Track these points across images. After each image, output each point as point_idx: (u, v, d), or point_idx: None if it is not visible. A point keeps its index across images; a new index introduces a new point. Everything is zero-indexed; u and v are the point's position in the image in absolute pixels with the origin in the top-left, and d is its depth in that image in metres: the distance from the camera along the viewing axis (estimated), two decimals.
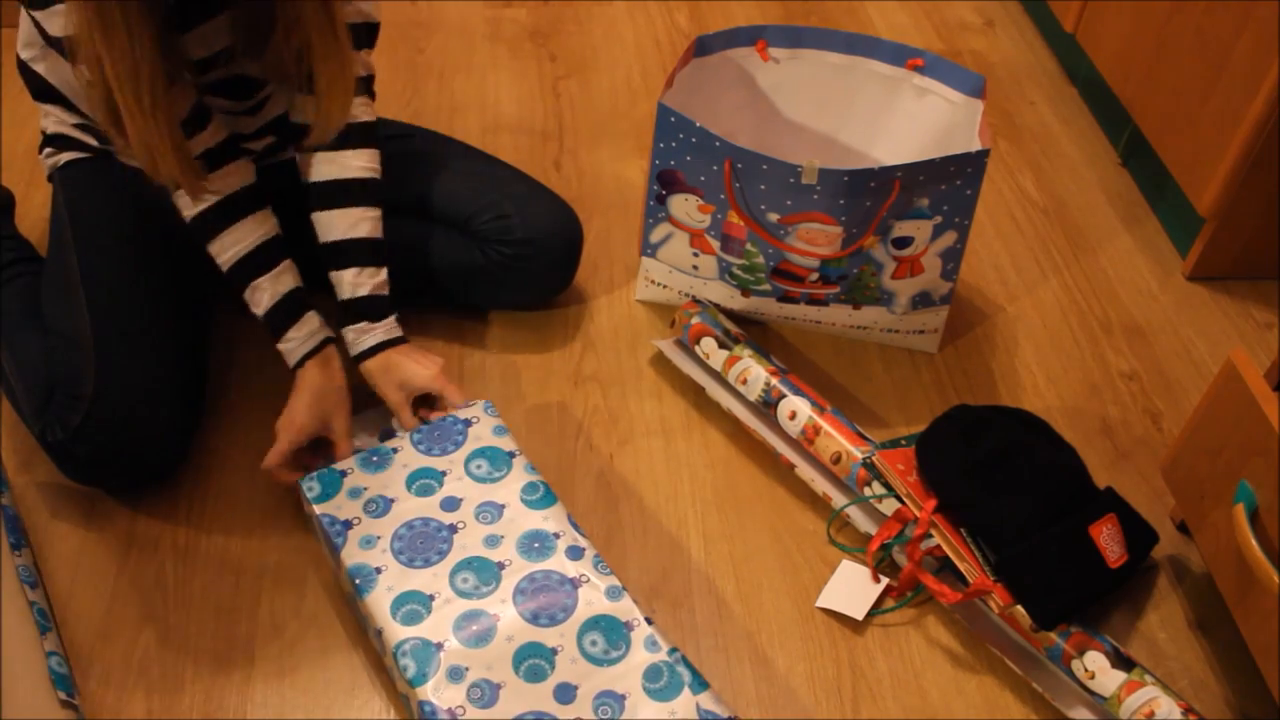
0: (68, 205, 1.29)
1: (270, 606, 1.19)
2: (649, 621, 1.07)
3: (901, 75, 1.44)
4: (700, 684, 1.03)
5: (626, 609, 1.07)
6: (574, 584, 1.09)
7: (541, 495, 1.16)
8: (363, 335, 1.27)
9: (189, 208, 1.21)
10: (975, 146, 1.29)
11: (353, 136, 1.28)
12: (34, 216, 1.55)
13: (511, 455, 1.20)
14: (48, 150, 1.36)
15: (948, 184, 1.30)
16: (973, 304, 1.58)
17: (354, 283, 1.27)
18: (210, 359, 1.37)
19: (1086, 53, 1.83)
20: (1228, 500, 1.10)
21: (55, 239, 1.31)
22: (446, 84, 1.89)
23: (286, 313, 1.24)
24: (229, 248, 1.22)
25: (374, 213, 1.29)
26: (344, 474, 1.17)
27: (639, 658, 1.04)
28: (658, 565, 1.25)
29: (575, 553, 1.11)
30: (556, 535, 1.13)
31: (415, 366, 1.26)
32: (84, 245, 1.26)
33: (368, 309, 1.27)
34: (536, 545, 1.12)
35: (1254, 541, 1.03)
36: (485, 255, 1.40)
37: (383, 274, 1.29)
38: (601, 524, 1.29)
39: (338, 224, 1.27)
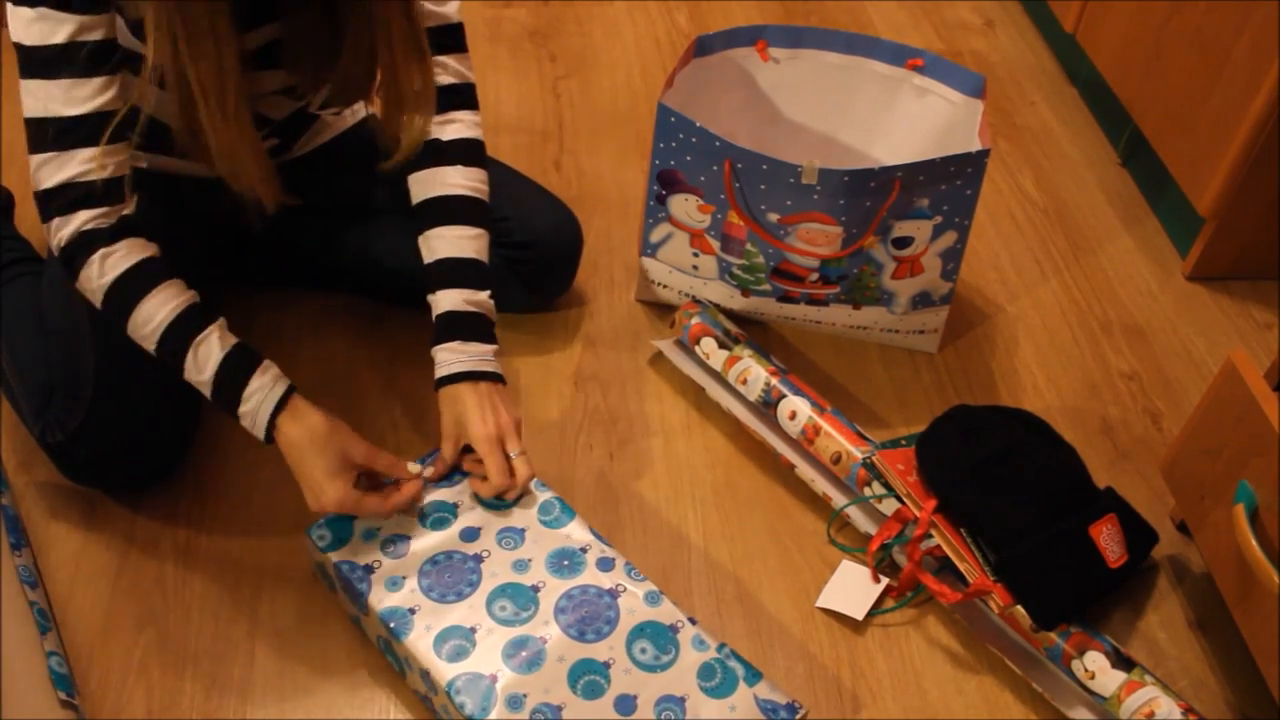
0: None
1: (270, 606, 1.19)
2: (692, 621, 1.07)
3: (901, 75, 1.44)
4: (754, 675, 1.03)
5: (669, 613, 1.07)
6: (612, 595, 1.08)
7: (558, 513, 1.15)
8: (449, 358, 1.17)
9: (101, 276, 1.09)
10: (975, 146, 1.29)
11: (459, 153, 1.23)
12: (34, 216, 1.54)
13: None
14: None
15: (948, 184, 1.30)
16: (973, 304, 1.58)
17: (451, 299, 1.18)
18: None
19: (1086, 53, 1.83)
20: (1228, 500, 1.10)
21: None
22: None
23: (239, 366, 1.10)
24: (161, 308, 1.09)
25: (477, 231, 1.21)
26: (353, 518, 1.13)
27: (690, 658, 1.04)
28: (658, 565, 1.25)
29: (606, 564, 1.11)
30: (584, 550, 1.12)
31: (475, 413, 1.14)
32: None
33: (462, 327, 1.17)
34: (566, 563, 1.11)
35: (1254, 541, 1.03)
36: None
37: (484, 295, 1.19)
38: (601, 524, 1.28)
39: (442, 241, 1.20)
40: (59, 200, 1.07)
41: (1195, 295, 1.62)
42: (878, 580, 1.23)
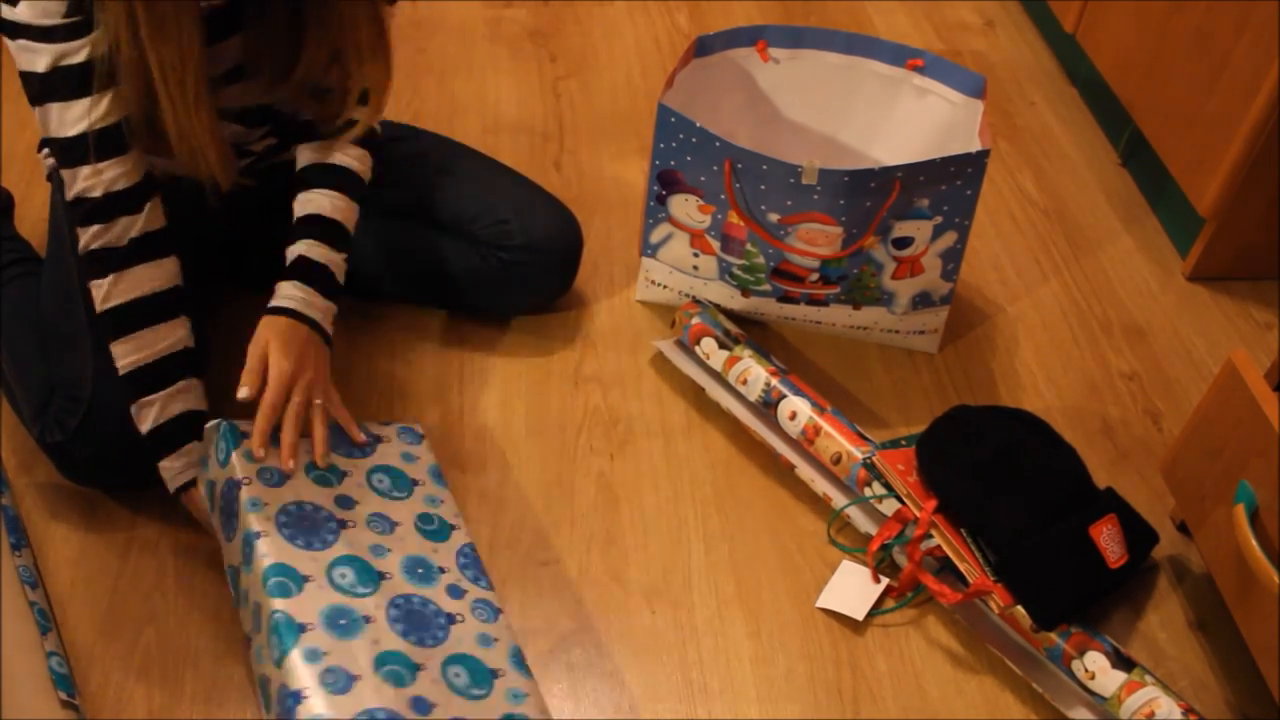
0: (66, 205, 1.29)
1: None
2: (524, 673, 1.04)
3: (901, 75, 1.44)
4: None
5: (496, 657, 1.04)
6: (449, 619, 1.06)
7: (436, 528, 1.13)
8: (291, 294, 1.19)
9: (105, 300, 1.14)
10: (975, 147, 1.29)
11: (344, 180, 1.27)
12: (34, 217, 1.55)
13: (415, 483, 1.16)
14: (47, 150, 1.36)
15: (948, 184, 1.30)
16: (973, 304, 1.58)
17: (310, 248, 1.21)
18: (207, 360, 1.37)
19: (1086, 53, 1.83)
20: (1228, 500, 1.10)
21: (54, 239, 1.31)
22: (446, 84, 1.89)
23: (170, 437, 1.16)
24: (130, 354, 1.14)
25: (349, 202, 1.25)
26: (246, 435, 1.10)
27: (500, 706, 1.00)
28: (658, 565, 1.25)
29: (455, 592, 1.08)
30: (441, 570, 1.09)
31: (281, 347, 1.14)
32: None
33: (315, 277, 1.20)
34: (420, 571, 1.09)
35: (1254, 541, 1.03)
36: (484, 260, 1.39)
37: (340, 257, 1.23)
38: (601, 524, 1.29)
39: (313, 203, 1.23)
40: (75, 213, 1.13)
41: (1195, 295, 1.62)
42: (878, 580, 1.23)
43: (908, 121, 1.46)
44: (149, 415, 1.15)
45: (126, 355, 1.14)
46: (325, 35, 1.14)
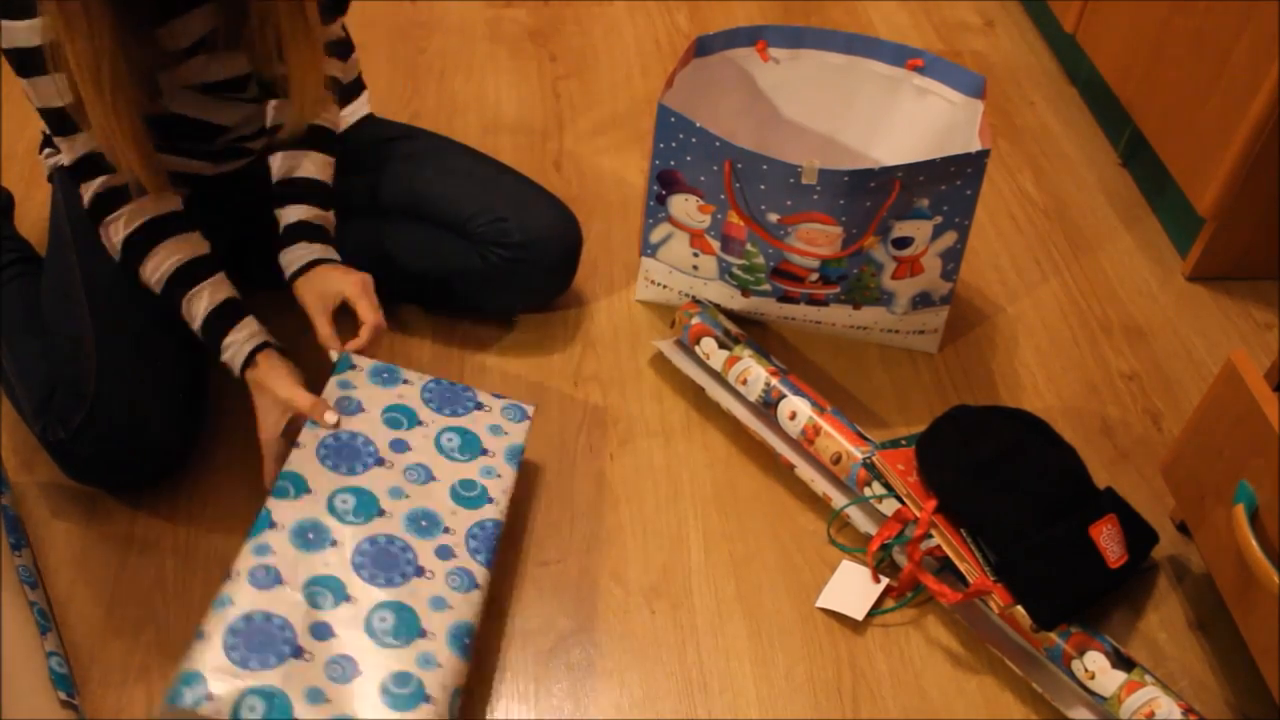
0: (67, 204, 1.29)
1: None
2: (459, 649, 1.04)
3: (901, 75, 1.44)
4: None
5: (438, 623, 1.05)
6: (417, 571, 1.08)
7: (474, 495, 1.16)
8: (298, 255, 1.26)
9: (119, 233, 1.21)
10: (975, 147, 1.29)
11: (317, 140, 1.31)
12: (34, 216, 1.55)
13: (484, 452, 1.20)
14: (48, 150, 1.36)
15: (948, 184, 1.30)
16: (973, 304, 1.58)
17: (300, 212, 1.27)
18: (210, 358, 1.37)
19: (1086, 53, 1.83)
20: (1228, 500, 1.10)
21: (55, 238, 1.31)
22: (446, 84, 1.89)
23: (224, 317, 1.22)
24: (165, 260, 1.21)
25: (326, 159, 1.31)
26: (353, 367, 1.22)
27: (402, 661, 1.01)
28: (658, 565, 1.25)
29: (444, 553, 1.10)
30: (446, 531, 1.12)
31: (337, 274, 1.25)
32: (84, 244, 1.26)
33: (308, 233, 1.27)
34: (424, 524, 1.12)
35: (1254, 541, 1.03)
36: (483, 258, 1.39)
37: (330, 216, 1.30)
38: (602, 524, 1.29)
39: (295, 164, 1.29)
40: (80, 171, 1.18)
41: (1195, 295, 1.62)
42: (878, 580, 1.23)
43: (908, 121, 1.46)
44: (200, 305, 1.20)
45: (161, 264, 1.20)
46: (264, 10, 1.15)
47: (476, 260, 1.40)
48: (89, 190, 1.19)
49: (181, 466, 1.28)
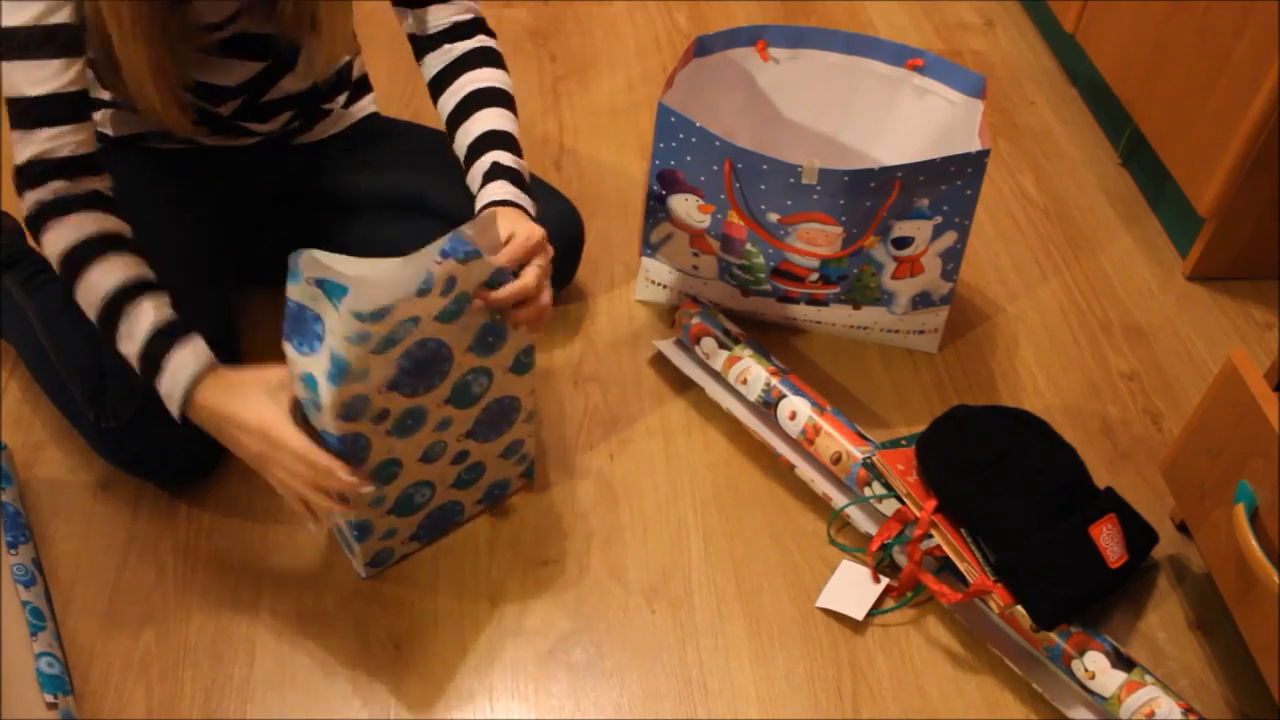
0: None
1: (270, 606, 1.19)
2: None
3: (901, 75, 1.44)
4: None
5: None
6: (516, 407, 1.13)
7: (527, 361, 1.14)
8: (492, 190, 1.19)
9: (58, 243, 1.11)
10: (975, 146, 1.29)
11: (474, 59, 1.28)
12: None
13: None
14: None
15: (948, 184, 1.30)
16: (973, 304, 1.58)
17: (504, 157, 1.22)
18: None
19: (1086, 53, 1.83)
20: (1228, 500, 1.10)
21: None
22: None
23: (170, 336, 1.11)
24: (106, 276, 1.10)
25: (511, 116, 1.27)
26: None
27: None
28: (658, 565, 1.25)
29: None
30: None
31: (523, 225, 1.13)
32: None
33: (519, 181, 1.21)
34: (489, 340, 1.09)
35: (1254, 541, 1.03)
36: None
37: (525, 163, 1.24)
38: (602, 524, 1.29)
39: (486, 118, 1.25)
40: (28, 173, 1.10)
41: (1195, 295, 1.62)
42: (878, 580, 1.23)
43: (908, 121, 1.46)
44: (135, 336, 1.09)
45: (88, 294, 1.11)
46: None
47: None
48: (34, 196, 1.10)
49: (219, 461, 1.29)
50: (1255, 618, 1.07)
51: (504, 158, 1.22)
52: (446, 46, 1.28)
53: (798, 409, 1.31)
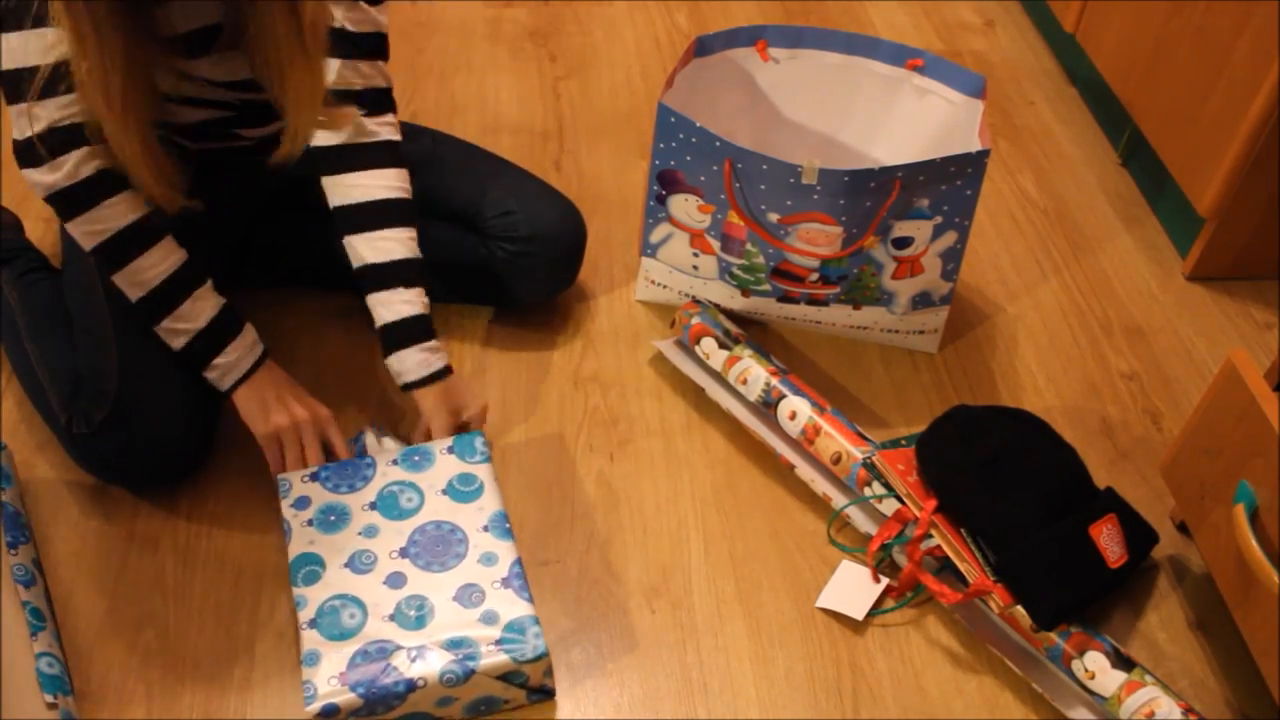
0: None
1: (270, 606, 1.19)
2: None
3: (901, 75, 1.44)
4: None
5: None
6: (464, 542, 1.14)
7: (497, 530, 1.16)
8: (418, 363, 1.24)
9: (93, 238, 1.16)
10: (975, 146, 1.29)
11: (375, 156, 1.25)
12: (42, 235, 1.55)
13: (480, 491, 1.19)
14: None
15: (948, 184, 1.30)
16: (973, 304, 1.58)
17: (395, 305, 1.24)
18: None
19: (1086, 53, 1.83)
20: (1228, 500, 1.10)
21: (70, 242, 1.31)
22: (446, 84, 1.89)
23: (225, 326, 1.21)
24: (155, 264, 1.17)
25: (407, 233, 1.25)
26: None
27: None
28: (658, 565, 1.25)
29: (489, 560, 1.13)
30: (484, 528, 1.16)
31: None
32: None
33: (416, 332, 1.24)
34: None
35: (1254, 541, 1.03)
36: (490, 251, 1.40)
37: (417, 292, 1.25)
38: (602, 524, 1.29)
39: (368, 248, 1.24)
40: (50, 142, 1.09)
41: (1195, 295, 1.62)
42: (878, 580, 1.23)
43: (908, 121, 1.46)
44: (199, 316, 1.19)
45: (145, 272, 1.17)
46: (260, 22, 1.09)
47: (483, 253, 1.40)
48: (64, 167, 1.10)
49: (198, 467, 1.29)
50: (1255, 618, 1.07)
51: (412, 302, 1.25)
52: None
53: (798, 409, 1.31)
